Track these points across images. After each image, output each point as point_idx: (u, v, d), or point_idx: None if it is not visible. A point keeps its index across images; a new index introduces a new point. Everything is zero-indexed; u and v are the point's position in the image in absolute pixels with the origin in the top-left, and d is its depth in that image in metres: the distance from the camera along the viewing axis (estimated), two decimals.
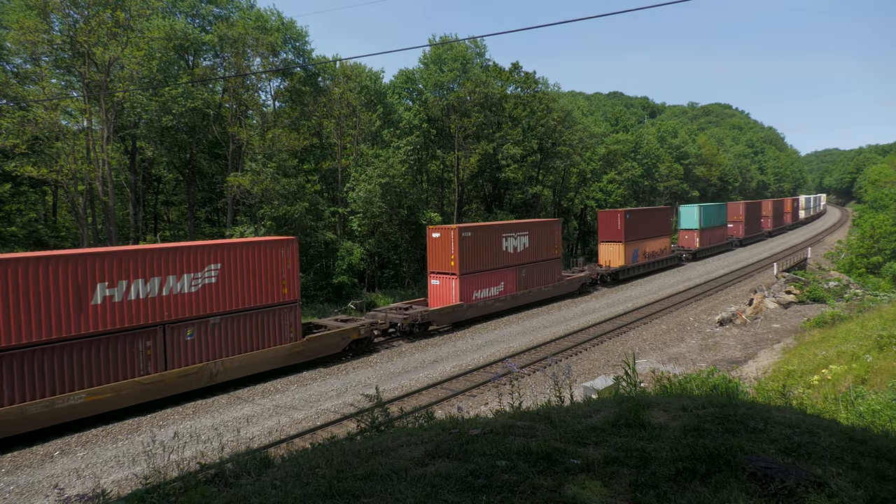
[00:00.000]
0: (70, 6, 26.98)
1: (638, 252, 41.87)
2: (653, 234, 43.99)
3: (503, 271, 29.90)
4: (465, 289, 27.72)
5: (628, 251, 40.62)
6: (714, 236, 56.31)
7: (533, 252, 31.80)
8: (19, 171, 25.61)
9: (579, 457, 4.54)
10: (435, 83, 42.42)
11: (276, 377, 20.31)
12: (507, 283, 30.25)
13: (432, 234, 28.24)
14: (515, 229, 30.80)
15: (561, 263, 34.11)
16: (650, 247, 43.87)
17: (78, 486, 12.62)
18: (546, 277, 33.00)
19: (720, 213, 58.34)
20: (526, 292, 31.32)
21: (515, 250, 30.62)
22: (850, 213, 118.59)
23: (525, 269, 31.31)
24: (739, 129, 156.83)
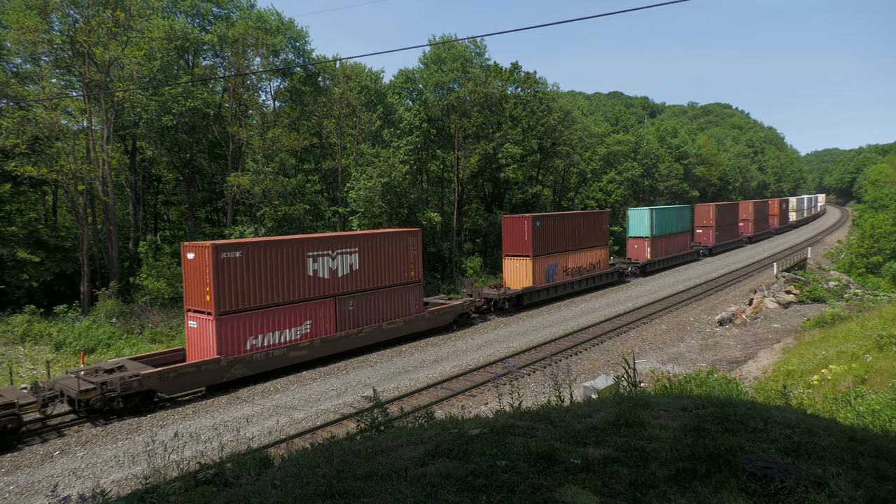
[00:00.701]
0: (70, 6, 26.98)
1: (556, 268, 34.02)
2: (579, 246, 36.07)
3: (310, 305, 21.23)
4: (227, 335, 18.97)
5: (539, 268, 32.61)
6: (672, 245, 47.92)
7: (369, 275, 23.37)
8: (19, 171, 25.61)
9: (579, 456, 4.54)
10: (435, 83, 42.41)
11: (277, 377, 20.31)
12: (318, 323, 21.59)
13: (187, 254, 19.75)
14: (335, 245, 22.20)
15: (421, 289, 25.72)
16: (576, 261, 35.94)
17: (77, 486, 12.62)
18: (393, 309, 24.43)
19: (680, 218, 49.48)
20: (353, 333, 22.63)
21: (335, 274, 22.02)
22: (849, 214, 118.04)
23: (355, 299, 22.89)
24: (739, 129, 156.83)
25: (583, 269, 36.83)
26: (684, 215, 50.44)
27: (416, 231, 25.61)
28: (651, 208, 44.67)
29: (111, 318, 25.65)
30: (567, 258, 35.21)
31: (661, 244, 45.74)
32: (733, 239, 62.67)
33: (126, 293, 28.41)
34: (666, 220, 46.44)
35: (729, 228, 61.75)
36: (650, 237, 44.08)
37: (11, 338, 23.78)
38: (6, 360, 21.84)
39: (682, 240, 50.09)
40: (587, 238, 36.96)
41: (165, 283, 27.91)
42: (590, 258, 37.42)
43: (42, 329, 24.54)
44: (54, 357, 22.57)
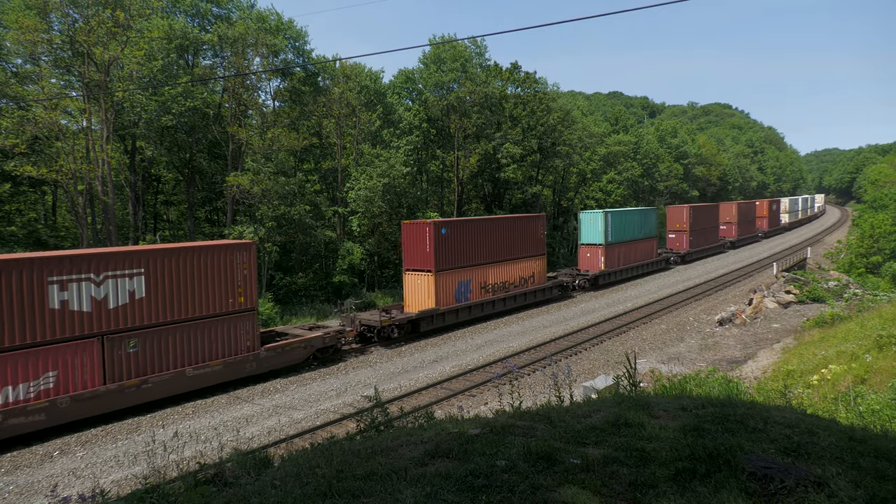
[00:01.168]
0: (70, 6, 26.96)
1: (470, 285, 27.86)
2: (505, 256, 30.00)
3: (54, 349, 15.12)
4: None
5: (445, 285, 26.42)
6: (634, 253, 42.09)
7: (165, 305, 17.28)
8: (19, 171, 25.60)
9: (579, 456, 4.54)
10: (435, 83, 42.43)
11: (277, 377, 20.30)
12: (69, 373, 15.42)
13: None
14: (101, 265, 15.99)
15: (254, 319, 19.55)
16: (500, 275, 29.71)
17: (77, 486, 12.61)
18: (209, 349, 18.34)
19: (645, 222, 43.54)
20: (131, 385, 16.48)
21: (102, 306, 15.92)
22: (849, 214, 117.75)
23: (141, 338, 16.76)
24: (739, 129, 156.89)
25: (510, 285, 30.35)
26: (650, 219, 44.24)
27: (248, 244, 19.44)
28: (606, 211, 38.46)
29: None
30: (487, 272, 28.73)
31: (618, 252, 39.62)
32: (713, 244, 57.02)
33: None
34: (625, 225, 40.33)
35: (707, 233, 55.59)
36: (604, 244, 38.04)
37: None
38: None
39: (646, 247, 43.78)
40: (517, 247, 30.50)
41: None
42: (520, 271, 31.02)
43: None
44: None
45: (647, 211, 44.47)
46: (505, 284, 30.12)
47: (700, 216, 53.43)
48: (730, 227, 62.84)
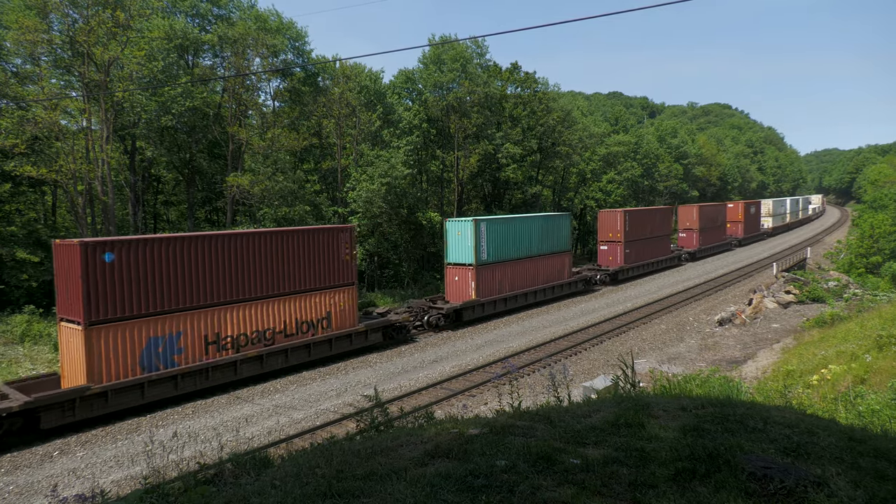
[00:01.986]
0: (69, 6, 26.96)
1: (177, 341, 17.67)
2: (285, 290, 20.59)
3: None
4: None
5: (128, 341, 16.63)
6: (529, 273, 31.98)
7: None
8: (19, 171, 25.59)
9: (579, 457, 4.54)
10: (434, 83, 42.43)
11: (276, 377, 20.30)
12: None
13: None
14: None
15: None
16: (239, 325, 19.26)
17: (77, 486, 12.61)
18: None
19: (547, 233, 33.31)
20: None
21: None
22: (849, 214, 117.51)
23: None
24: (739, 129, 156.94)
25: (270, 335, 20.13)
26: (555, 228, 34.01)
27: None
28: (478, 219, 28.52)
29: None
30: (215, 317, 18.54)
31: (499, 274, 29.59)
32: (663, 256, 46.55)
33: None
34: (510, 237, 30.47)
35: (653, 243, 44.80)
36: (474, 265, 27.98)
37: (11, 338, 23.77)
38: (5, 361, 21.83)
39: (552, 265, 33.67)
40: (301, 277, 21.07)
41: None
42: (309, 309, 21.29)
43: (41, 329, 24.53)
44: (54, 357, 22.54)
45: (551, 218, 34.15)
46: (255, 336, 19.65)
47: (643, 222, 42.86)
48: (690, 235, 52.08)
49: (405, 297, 35.28)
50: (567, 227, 35.67)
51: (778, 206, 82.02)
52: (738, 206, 65.24)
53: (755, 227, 69.88)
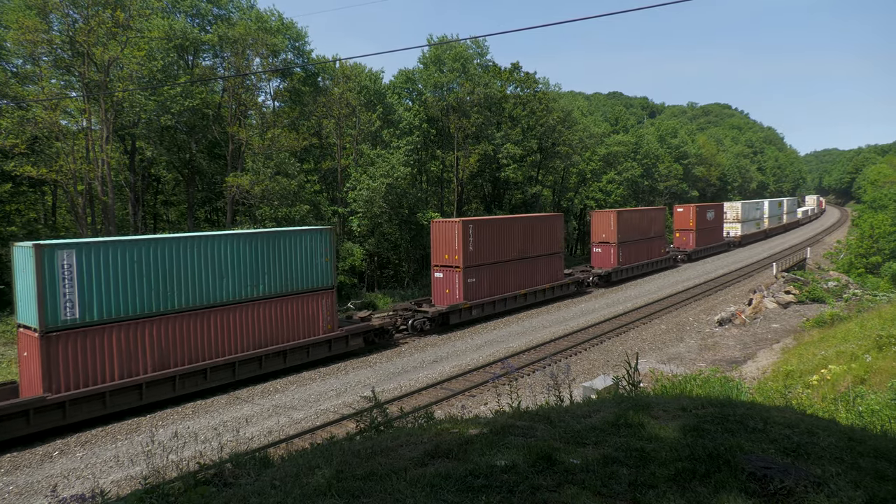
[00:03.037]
0: (70, 6, 26.96)
1: None
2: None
3: None
4: None
5: None
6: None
7: None
8: (19, 171, 25.60)
9: (579, 457, 4.54)
10: (434, 83, 42.44)
11: (276, 377, 20.29)
12: None
13: None
14: None
15: None
16: None
17: (77, 487, 12.61)
18: None
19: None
20: None
21: None
22: (849, 213, 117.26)
23: None
24: (739, 129, 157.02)
25: None
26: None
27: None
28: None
29: None
30: None
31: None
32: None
33: None
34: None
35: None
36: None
37: (10, 338, 23.76)
38: (6, 360, 21.83)
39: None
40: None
41: None
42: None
43: None
44: None
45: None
46: None
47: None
48: (606, 251, 39.95)
49: (405, 297, 35.27)
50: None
51: (750, 209, 68.18)
52: (689, 211, 52.03)
53: (714, 237, 56.80)
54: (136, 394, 16.75)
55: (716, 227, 57.58)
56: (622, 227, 39.71)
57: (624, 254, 39.70)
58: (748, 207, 67.78)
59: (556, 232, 33.74)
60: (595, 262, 40.59)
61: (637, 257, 42.12)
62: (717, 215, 57.81)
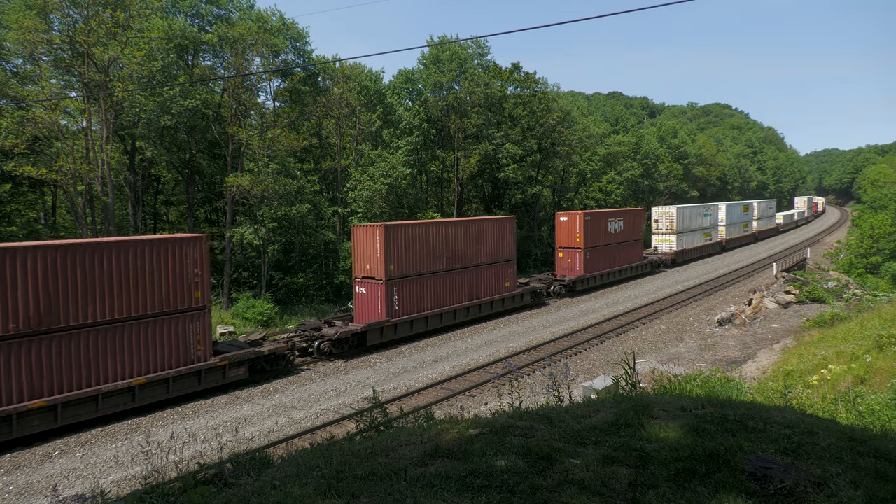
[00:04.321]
0: (70, 6, 26.97)
1: None
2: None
3: None
4: None
5: None
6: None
7: None
8: (19, 171, 25.61)
9: (579, 457, 4.54)
10: (434, 83, 42.46)
11: (277, 378, 20.29)
12: None
13: None
14: None
15: None
16: None
17: (77, 487, 12.61)
18: None
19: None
20: None
21: None
22: (849, 213, 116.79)
23: None
24: (739, 129, 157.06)
25: None
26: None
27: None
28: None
29: None
30: None
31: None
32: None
33: None
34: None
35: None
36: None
37: None
38: None
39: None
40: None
41: None
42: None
43: None
44: None
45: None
46: None
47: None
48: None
49: None
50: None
51: (692, 216, 50.74)
52: (576, 220, 35.37)
53: (624, 256, 39.92)
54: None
55: (629, 243, 40.50)
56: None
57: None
58: (689, 213, 50.44)
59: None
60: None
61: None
62: (633, 225, 41.15)
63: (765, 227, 73.26)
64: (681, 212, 48.80)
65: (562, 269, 35.55)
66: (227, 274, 31.83)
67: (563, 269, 35.40)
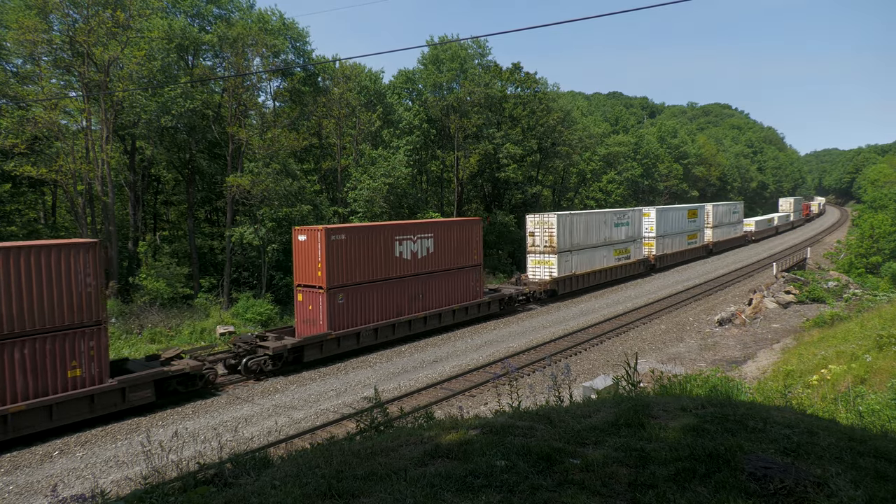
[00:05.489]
0: (70, 6, 26.97)
1: None
2: None
3: None
4: None
5: None
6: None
7: None
8: (19, 171, 25.60)
9: (579, 457, 4.54)
10: (434, 83, 42.48)
11: (276, 378, 20.29)
12: None
13: None
14: None
15: None
16: None
17: (77, 486, 12.61)
18: None
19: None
20: None
21: None
22: (849, 213, 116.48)
23: None
24: (739, 129, 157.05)
25: None
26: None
27: None
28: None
29: (110, 318, 25.63)
30: None
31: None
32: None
33: (125, 293, 28.40)
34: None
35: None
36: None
37: None
38: None
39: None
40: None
41: (165, 283, 27.90)
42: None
43: None
44: None
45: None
46: None
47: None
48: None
49: None
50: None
51: (589, 226, 36.04)
52: (317, 240, 21.78)
53: (437, 296, 26.13)
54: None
55: (450, 274, 26.58)
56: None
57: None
58: (584, 224, 35.50)
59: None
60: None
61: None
62: (461, 243, 27.10)
63: (726, 237, 57.76)
64: (567, 221, 33.96)
65: (301, 323, 22.70)
66: (227, 274, 31.84)
67: (303, 320, 22.61)
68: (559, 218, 33.44)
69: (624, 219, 40.02)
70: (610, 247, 38.39)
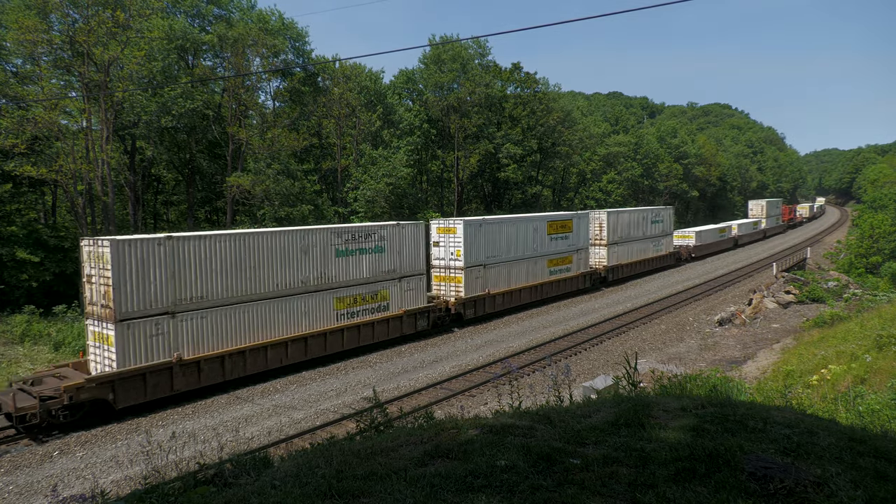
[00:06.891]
0: (70, 6, 26.97)
1: None
2: None
3: None
4: None
5: None
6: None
7: None
8: (19, 171, 25.60)
9: (579, 456, 4.54)
10: (435, 83, 42.49)
11: (276, 377, 20.28)
12: None
13: None
14: None
15: None
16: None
17: (77, 487, 12.61)
18: None
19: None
20: None
21: None
22: (850, 213, 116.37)
23: None
24: (739, 129, 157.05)
25: None
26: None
27: None
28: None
29: None
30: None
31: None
32: None
33: None
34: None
35: None
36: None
37: (10, 338, 23.76)
38: (5, 361, 21.83)
39: None
40: None
41: None
42: None
43: (41, 329, 24.51)
44: (53, 357, 22.55)
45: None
46: None
47: None
48: None
49: None
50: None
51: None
52: None
53: None
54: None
55: None
56: None
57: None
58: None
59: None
60: None
61: None
62: None
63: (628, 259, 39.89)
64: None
65: None
66: None
67: None
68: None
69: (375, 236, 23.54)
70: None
